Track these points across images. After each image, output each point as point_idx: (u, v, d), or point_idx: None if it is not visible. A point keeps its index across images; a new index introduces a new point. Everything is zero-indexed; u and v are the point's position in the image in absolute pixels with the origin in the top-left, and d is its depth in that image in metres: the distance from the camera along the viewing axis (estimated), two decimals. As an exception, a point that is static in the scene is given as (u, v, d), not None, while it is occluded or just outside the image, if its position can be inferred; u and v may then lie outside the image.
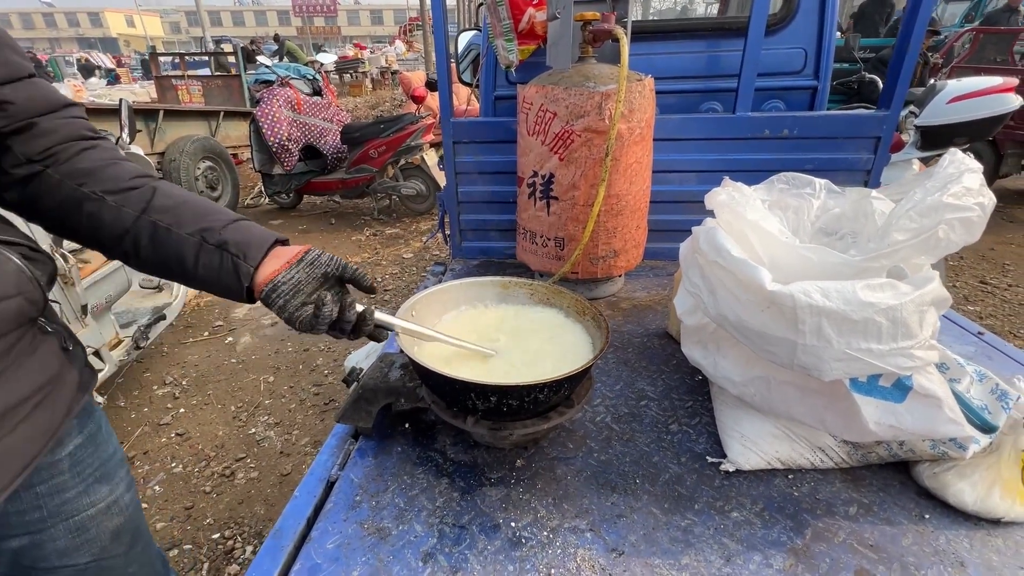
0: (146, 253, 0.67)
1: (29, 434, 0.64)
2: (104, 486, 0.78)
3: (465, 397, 0.74)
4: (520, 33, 1.47)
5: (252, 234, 0.69)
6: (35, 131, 0.65)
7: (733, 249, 0.69)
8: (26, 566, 0.74)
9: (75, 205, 0.66)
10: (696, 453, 0.87)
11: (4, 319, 0.60)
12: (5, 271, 0.61)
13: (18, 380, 0.62)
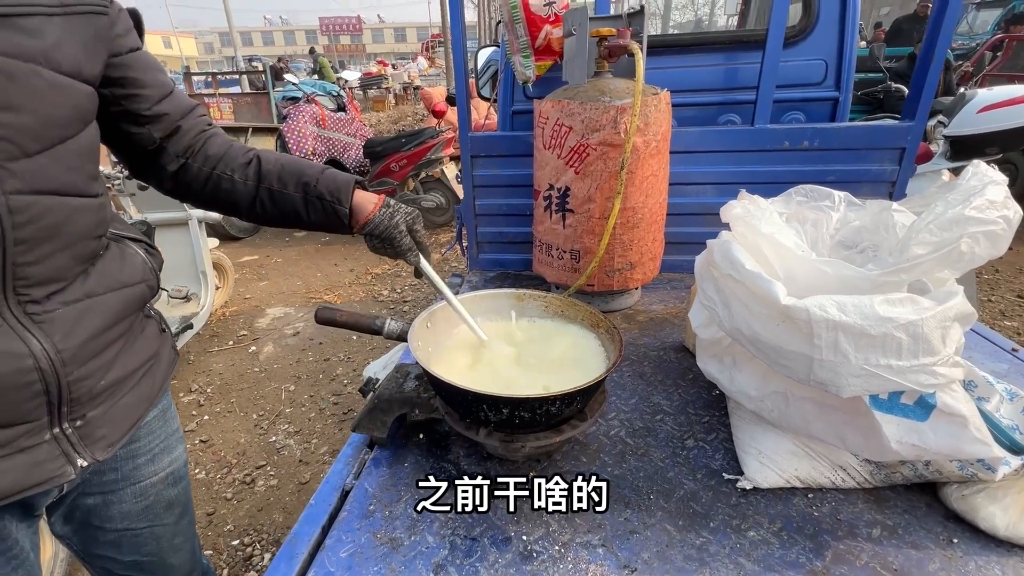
0: (272, 212, 0.87)
1: (137, 399, 0.77)
2: (167, 457, 0.88)
3: (478, 408, 0.75)
4: (537, 49, 1.50)
5: (338, 182, 0.86)
6: (180, 132, 0.81)
7: (747, 263, 0.68)
8: (95, 525, 0.84)
9: (215, 186, 0.84)
10: (712, 469, 0.85)
11: (131, 301, 0.74)
12: (134, 263, 0.75)
13: (134, 353, 0.76)
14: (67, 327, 0.64)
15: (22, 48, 0.56)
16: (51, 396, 0.63)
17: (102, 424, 0.71)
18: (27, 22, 0.56)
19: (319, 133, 4.69)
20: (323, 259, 4.49)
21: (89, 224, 0.67)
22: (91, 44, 0.65)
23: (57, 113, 0.61)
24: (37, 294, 0.61)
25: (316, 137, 4.64)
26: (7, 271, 0.58)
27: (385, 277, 4.03)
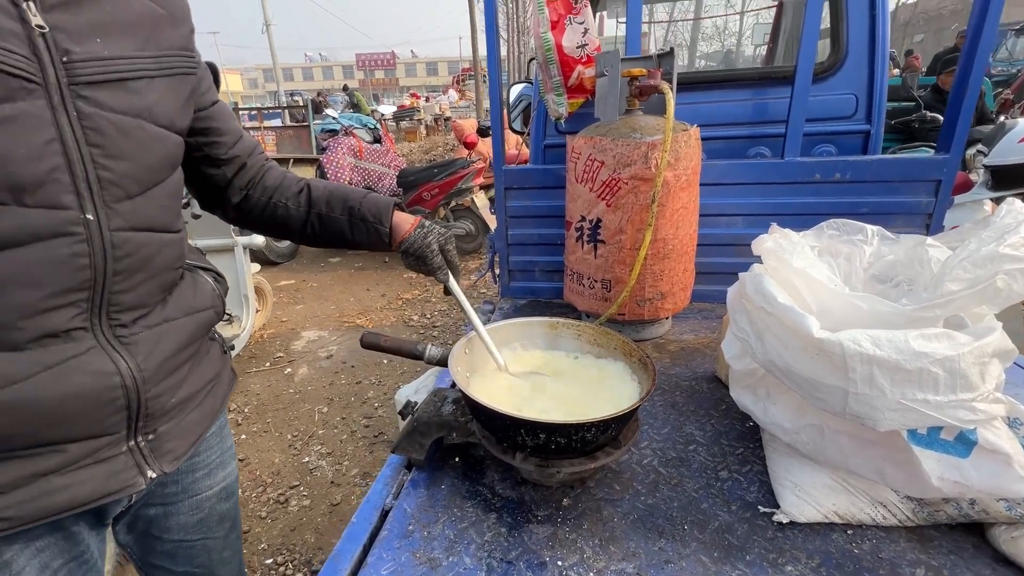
0: (321, 233, 0.96)
1: (201, 416, 0.83)
2: (221, 472, 0.94)
3: (515, 433, 0.78)
4: (569, 88, 1.57)
5: (379, 205, 0.95)
6: (245, 168, 0.91)
7: (779, 296, 0.70)
8: (154, 535, 0.89)
9: (271, 213, 0.94)
10: (747, 502, 0.85)
11: (201, 325, 0.81)
12: (204, 290, 0.83)
13: (201, 373, 0.83)
14: (148, 348, 0.71)
15: (131, 106, 0.64)
16: (131, 411, 0.69)
17: (170, 438, 0.77)
18: (135, 84, 0.65)
19: (356, 164, 4.91)
20: (356, 284, 4.63)
21: (173, 256, 0.75)
22: (183, 100, 0.74)
23: (154, 160, 0.69)
24: (125, 319, 0.68)
25: (353, 168, 4.85)
26: (104, 298, 0.65)
27: (415, 302, 4.12)
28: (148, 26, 0.68)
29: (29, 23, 0.56)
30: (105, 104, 0.62)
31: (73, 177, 0.60)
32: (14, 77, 0.55)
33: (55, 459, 0.65)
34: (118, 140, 0.63)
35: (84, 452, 0.67)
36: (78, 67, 0.59)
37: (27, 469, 0.64)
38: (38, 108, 0.57)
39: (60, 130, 0.58)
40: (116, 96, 0.63)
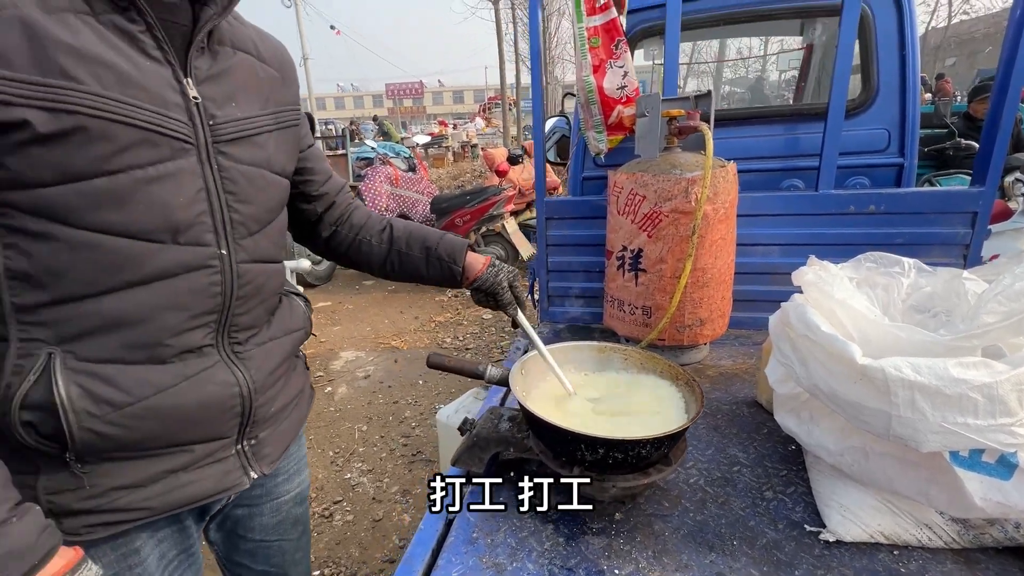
0: (398, 269, 1.06)
1: (290, 425, 0.93)
2: (297, 478, 1.02)
3: (575, 448, 0.85)
4: (609, 126, 1.67)
5: (454, 246, 1.04)
6: (334, 206, 1.02)
7: (823, 325, 0.77)
8: (239, 534, 0.98)
9: (356, 249, 1.04)
10: (793, 521, 0.89)
11: (295, 342, 0.92)
12: (298, 312, 0.94)
13: (292, 386, 0.92)
14: (258, 363, 0.81)
15: (256, 157, 0.76)
16: (243, 417, 0.80)
17: (268, 444, 0.87)
18: (259, 138, 0.77)
19: (392, 191, 5.13)
20: (390, 306, 4.78)
21: (277, 283, 0.86)
22: (291, 148, 0.86)
23: (271, 202, 0.81)
24: (241, 337, 0.79)
25: (389, 195, 5.07)
26: (227, 320, 0.76)
27: (448, 325, 4.23)
28: (268, 88, 0.81)
29: (187, 95, 0.68)
30: (238, 157, 0.74)
31: (213, 219, 0.72)
32: (177, 140, 0.67)
33: (184, 458, 0.75)
34: (246, 187, 0.75)
35: (206, 453, 0.77)
36: (220, 128, 0.72)
37: (162, 466, 0.74)
38: (192, 164, 0.69)
39: (206, 181, 0.70)
40: (246, 150, 0.75)
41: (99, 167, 0.61)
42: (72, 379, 0.64)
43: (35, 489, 0.67)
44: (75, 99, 0.58)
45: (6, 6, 0.54)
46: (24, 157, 0.57)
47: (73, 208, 0.61)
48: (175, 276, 0.69)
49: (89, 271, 0.63)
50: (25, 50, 0.55)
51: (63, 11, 0.58)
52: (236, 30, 0.78)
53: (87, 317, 0.65)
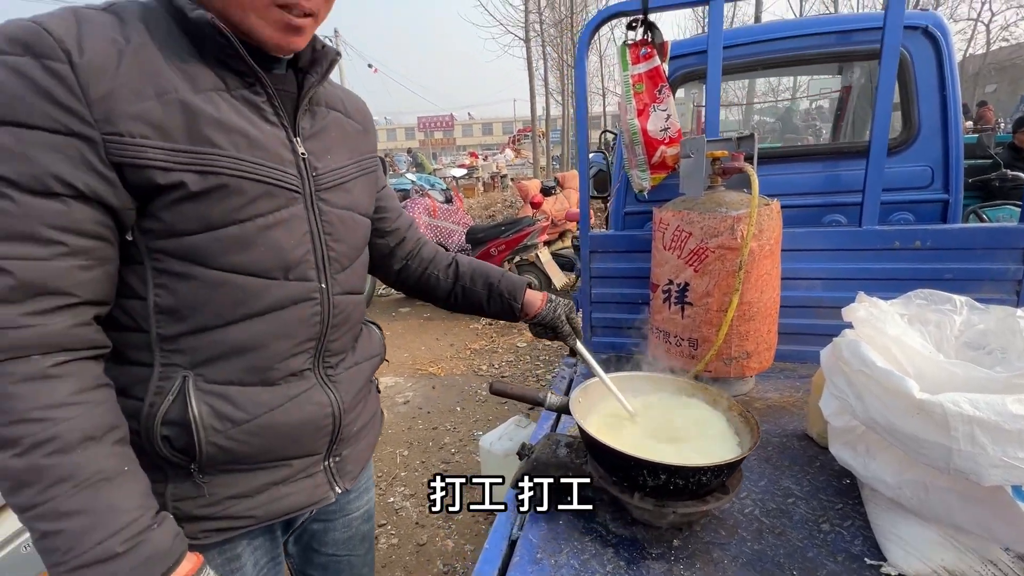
0: (461, 302, 1.15)
1: (367, 444, 1.00)
2: (366, 496, 1.10)
3: (637, 474, 0.89)
4: (652, 165, 1.75)
5: (515, 284, 1.14)
6: (405, 240, 1.12)
7: (878, 360, 0.80)
8: (313, 548, 1.05)
9: (424, 281, 1.14)
10: (852, 554, 0.90)
11: (374, 367, 1.01)
12: (375, 339, 1.03)
13: (368, 408, 1.00)
14: (345, 385, 0.90)
15: (347, 201, 0.87)
16: (333, 436, 0.88)
17: (349, 461, 0.95)
18: (349, 184, 0.88)
19: (430, 222, 5.32)
20: (426, 333, 4.90)
21: (361, 312, 0.95)
22: (371, 190, 0.97)
23: (358, 240, 0.91)
24: (333, 362, 0.88)
25: (427, 226, 5.27)
26: (323, 346, 0.85)
27: (483, 352, 4.30)
28: (353, 140, 0.92)
29: (297, 152, 0.79)
30: (334, 203, 0.85)
31: (316, 257, 0.82)
32: (290, 191, 0.78)
33: (283, 472, 0.84)
34: (340, 228, 0.85)
35: (302, 467, 0.86)
36: (321, 178, 0.83)
37: (266, 479, 0.82)
38: (300, 210, 0.79)
39: (310, 224, 0.81)
40: (339, 196, 0.86)
41: (232, 217, 0.71)
42: (202, 399, 0.74)
43: (164, 496, 0.76)
44: (219, 163, 0.69)
45: (168, 91, 0.66)
46: (177, 212, 0.68)
47: (210, 252, 0.71)
48: (285, 308, 0.79)
49: (219, 305, 0.73)
50: (182, 125, 0.67)
51: (208, 90, 0.70)
52: (328, 92, 0.90)
53: (215, 345, 0.75)
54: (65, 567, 0.60)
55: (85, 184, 0.62)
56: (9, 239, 0.59)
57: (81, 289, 0.64)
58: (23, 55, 0.59)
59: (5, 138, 0.59)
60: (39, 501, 0.60)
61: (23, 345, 0.60)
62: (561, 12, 15.03)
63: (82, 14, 0.64)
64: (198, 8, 0.67)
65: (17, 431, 0.59)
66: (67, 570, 0.60)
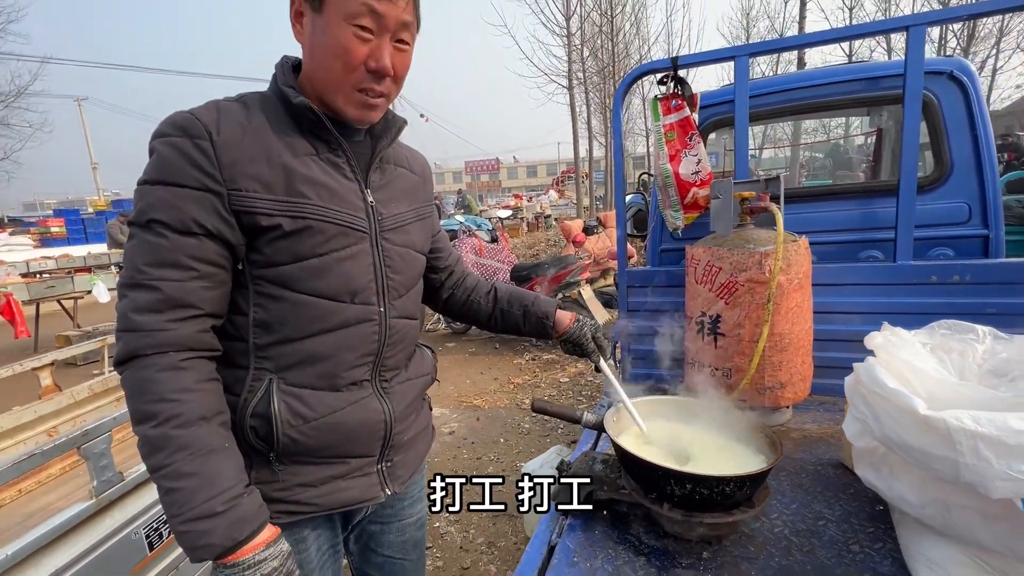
0: (500, 323, 1.29)
1: (417, 454, 1.12)
2: (419, 504, 1.22)
3: (665, 483, 0.98)
4: (685, 205, 1.87)
5: (547, 305, 1.26)
6: (453, 273, 1.27)
7: (889, 381, 0.87)
8: (371, 548, 1.17)
9: (468, 307, 1.29)
10: (880, 573, 0.94)
11: (425, 385, 1.14)
12: (427, 359, 1.16)
13: (420, 421, 1.13)
14: (398, 398, 1.05)
15: (405, 241, 1.04)
16: (385, 441, 1.02)
17: (400, 467, 1.08)
18: (407, 227, 1.06)
19: (476, 261, 5.58)
20: (471, 367, 5.05)
21: (415, 335, 1.11)
22: (427, 232, 1.14)
23: (415, 273, 1.08)
24: (388, 376, 1.03)
25: (474, 264, 5.52)
26: (379, 362, 1.01)
27: (526, 387, 4.39)
28: (413, 190, 1.11)
29: (367, 201, 0.98)
30: (394, 241, 1.02)
31: (377, 285, 0.99)
32: (360, 232, 0.96)
33: (342, 468, 0.98)
34: (399, 262, 1.03)
35: (358, 466, 1.00)
36: (384, 222, 1.00)
37: (328, 472, 0.97)
38: (367, 247, 0.97)
39: (374, 259, 0.98)
40: (399, 236, 1.03)
41: (314, 251, 0.90)
42: (282, 398, 0.91)
43: (249, 478, 0.92)
44: (307, 210, 0.88)
45: (274, 157, 0.87)
46: (275, 247, 0.88)
47: (296, 279, 0.90)
48: (350, 326, 0.95)
49: (300, 321, 0.91)
50: (282, 182, 0.87)
51: (303, 155, 0.90)
52: (396, 151, 1.10)
53: (295, 354, 0.92)
54: (180, 519, 0.76)
55: (213, 226, 0.83)
56: (161, 265, 0.80)
57: (205, 304, 0.84)
58: (182, 136, 0.82)
59: (164, 194, 0.81)
60: (166, 463, 0.77)
61: (165, 343, 0.80)
62: (603, 61, 15.63)
63: (222, 105, 0.87)
64: (299, 96, 0.89)
65: (157, 407, 0.78)
66: (181, 521, 0.76)
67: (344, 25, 0.84)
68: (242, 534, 0.79)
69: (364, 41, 0.86)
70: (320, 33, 0.85)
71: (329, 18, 0.84)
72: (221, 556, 0.78)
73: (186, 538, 0.77)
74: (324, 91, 0.90)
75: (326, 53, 0.86)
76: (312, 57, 0.89)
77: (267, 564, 0.80)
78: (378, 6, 0.84)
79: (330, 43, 0.85)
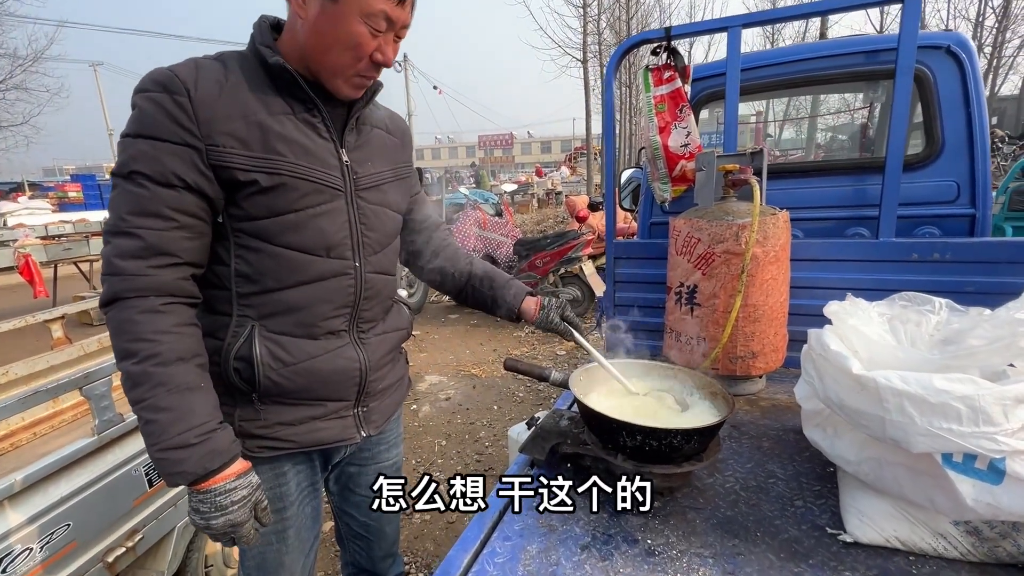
0: (471, 299, 1.32)
1: (392, 402, 1.20)
2: (395, 450, 1.30)
3: (617, 435, 1.04)
4: (673, 178, 1.89)
5: (515, 294, 1.29)
6: (432, 239, 1.29)
7: (832, 344, 0.91)
8: (350, 488, 1.27)
9: (444, 276, 1.31)
10: (817, 525, 0.99)
11: (401, 338, 1.21)
12: (403, 315, 1.24)
13: (395, 372, 1.20)
14: (374, 348, 1.11)
15: (381, 200, 1.09)
16: (360, 388, 1.09)
17: (375, 412, 1.15)
18: (384, 187, 1.10)
19: (479, 234, 5.61)
20: (471, 339, 5.14)
21: (391, 290, 1.17)
22: (404, 193, 1.18)
23: (390, 231, 1.13)
24: (365, 327, 1.10)
25: (477, 237, 5.56)
26: (356, 314, 1.06)
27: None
28: (391, 152, 1.15)
29: (342, 160, 1.02)
30: (370, 200, 1.07)
31: (352, 241, 1.04)
32: (334, 189, 1.00)
33: (320, 410, 1.06)
34: (374, 220, 1.07)
35: (335, 409, 1.07)
36: (360, 180, 1.05)
37: (307, 413, 1.05)
38: (341, 205, 1.02)
39: (349, 215, 1.03)
40: (375, 195, 1.08)
41: (290, 207, 0.95)
42: (263, 343, 0.97)
43: (233, 416, 1.00)
44: (282, 166, 0.93)
45: (250, 115, 0.91)
46: (252, 202, 0.93)
47: (273, 232, 0.95)
48: (327, 279, 1.01)
49: (279, 273, 0.97)
50: (258, 139, 0.91)
51: (278, 113, 0.94)
52: (374, 113, 1.13)
53: (275, 303, 0.98)
54: (157, 447, 0.84)
55: (192, 179, 0.88)
56: (143, 215, 0.86)
57: (185, 253, 0.90)
58: (161, 92, 0.86)
59: (145, 147, 0.86)
60: (146, 397, 0.84)
61: (145, 287, 0.86)
62: (621, 33, 15.22)
63: (200, 63, 0.91)
64: (275, 56, 0.92)
65: (137, 346, 0.84)
66: (157, 449, 0.84)
67: (359, 20, 0.88)
68: (214, 464, 0.87)
69: (374, 37, 0.91)
70: (331, 21, 0.88)
71: (344, 9, 0.87)
72: (195, 483, 0.86)
73: (162, 464, 0.85)
74: (323, 71, 0.94)
75: (336, 41, 0.90)
76: (315, 37, 0.91)
77: (237, 492, 0.88)
78: (392, 12, 0.89)
79: (342, 34, 0.89)
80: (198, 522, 0.87)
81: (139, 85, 0.87)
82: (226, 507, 0.86)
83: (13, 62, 15.55)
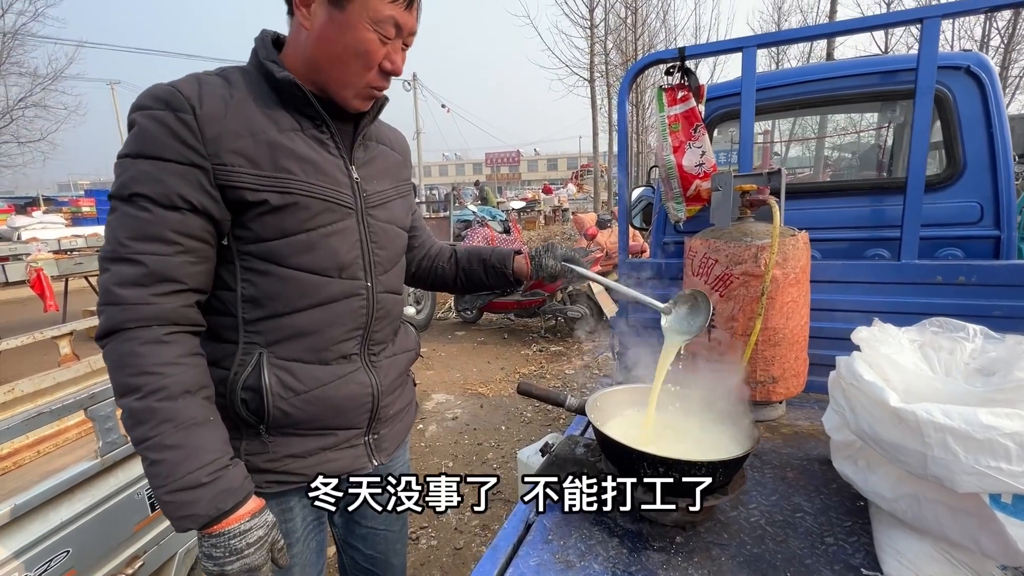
0: (466, 281, 1.32)
1: (402, 428, 1.17)
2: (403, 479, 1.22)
3: (638, 466, 0.99)
4: (688, 197, 1.86)
5: (504, 255, 1.29)
6: (423, 246, 1.30)
7: (865, 374, 0.87)
8: (355, 520, 1.21)
9: (435, 273, 1.32)
10: (851, 565, 0.94)
11: (410, 360, 1.17)
12: (411, 336, 1.20)
13: (404, 396, 1.16)
14: (384, 372, 1.08)
15: (389, 217, 1.07)
16: (372, 414, 1.05)
17: (386, 439, 1.12)
18: (390, 204, 1.08)
19: (487, 250, 5.63)
20: (478, 356, 5.10)
21: (400, 310, 1.14)
22: (407, 209, 1.17)
23: (398, 249, 1.11)
24: (376, 350, 1.07)
25: (485, 253, 5.57)
26: (367, 336, 1.03)
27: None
28: (395, 169, 1.13)
29: (352, 177, 1.00)
30: (379, 217, 1.04)
31: (364, 260, 1.01)
32: (345, 207, 0.98)
33: (331, 439, 1.02)
34: (383, 238, 1.05)
35: (346, 438, 1.04)
36: (369, 198, 1.03)
37: (317, 444, 1.01)
38: (353, 223, 0.99)
39: (360, 234, 1.01)
40: (383, 212, 1.06)
41: (301, 227, 0.92)
42: (272, 372, 0.93)
43: (239, 450, 0.95)
44: (293, 186, 0.90)
45: (258, 132, 0.88)
46: (261, 223, 0.90)
47: (283, 254, 0.92)
48: (338, 301, 0.98)
49: (288, 296, 0.94)
50: (267, 157, 0.89)
51: (287, 131, 0.92)
52: (378, 129, 1.11)
53: (285, 328, 0.94)
54: (164, 489, 0.79)
55: (198, 201, 0.84)
56: (145, 239, 0.81)
57: (190, 279, 0.86)
58: (164, 109, 0.82)
59: (147, 167, 0.82)
60: (151, 435, 0.79)
61: (149, 317, 0.81)
62: (627, 53, 15.42)
63: (203, 79, 0.88)
64: (283, 71, 0.90)
65: (140, 380, 0.79)
66: (165, 492, 0.79)
67: (367, 27, 0.86)
68: (227, 505, 0.81)
69: (383, 44, 0.89)
70: (338, 29, 0.86)
71: (351, 17, 0.85)
72: (206, 526, 0.80)
73: (170, 508, 0.79)
74: (331, 82, 0.92)
75: (344, 49, 0.88)
76: (322, 47, 0.89)
77: (252, 534, 0.83)
78: (400, 18, 0.88)
79: (351, 42, 0.87)
80: (211, 569, 0.81)
81: (138, 102, 0.83)
82: (242, 550, 0.81)
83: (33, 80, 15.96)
